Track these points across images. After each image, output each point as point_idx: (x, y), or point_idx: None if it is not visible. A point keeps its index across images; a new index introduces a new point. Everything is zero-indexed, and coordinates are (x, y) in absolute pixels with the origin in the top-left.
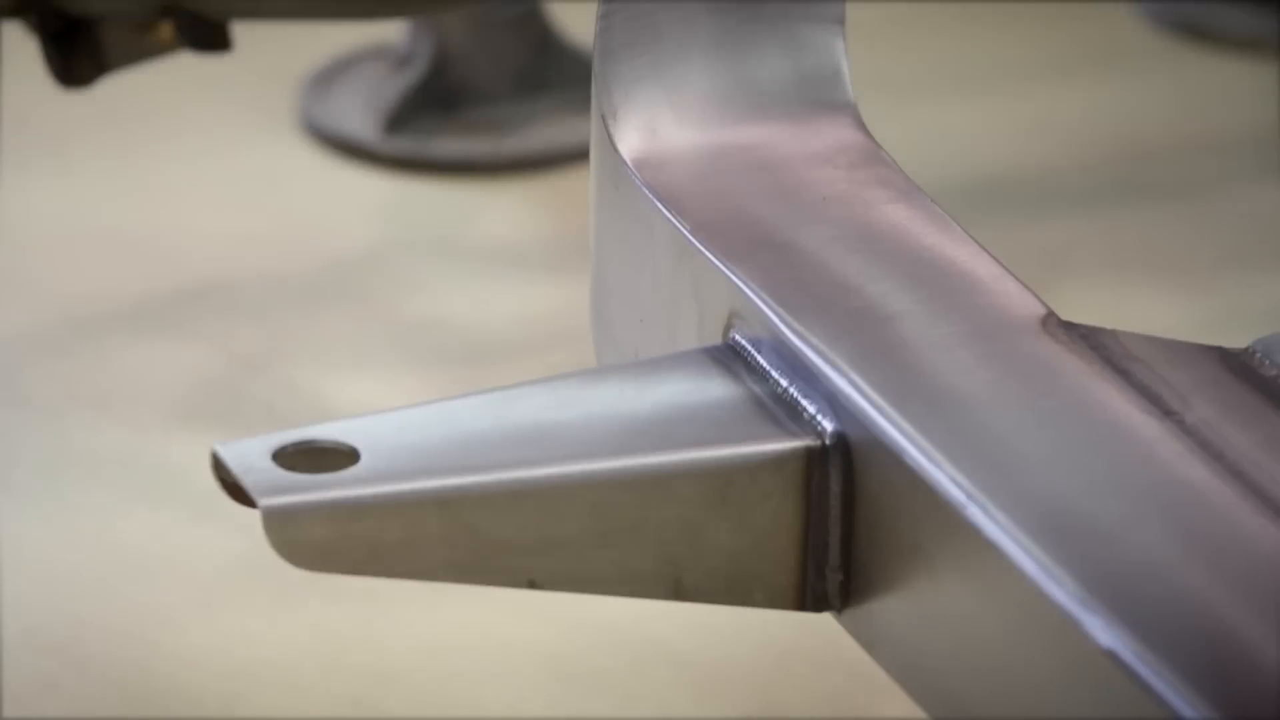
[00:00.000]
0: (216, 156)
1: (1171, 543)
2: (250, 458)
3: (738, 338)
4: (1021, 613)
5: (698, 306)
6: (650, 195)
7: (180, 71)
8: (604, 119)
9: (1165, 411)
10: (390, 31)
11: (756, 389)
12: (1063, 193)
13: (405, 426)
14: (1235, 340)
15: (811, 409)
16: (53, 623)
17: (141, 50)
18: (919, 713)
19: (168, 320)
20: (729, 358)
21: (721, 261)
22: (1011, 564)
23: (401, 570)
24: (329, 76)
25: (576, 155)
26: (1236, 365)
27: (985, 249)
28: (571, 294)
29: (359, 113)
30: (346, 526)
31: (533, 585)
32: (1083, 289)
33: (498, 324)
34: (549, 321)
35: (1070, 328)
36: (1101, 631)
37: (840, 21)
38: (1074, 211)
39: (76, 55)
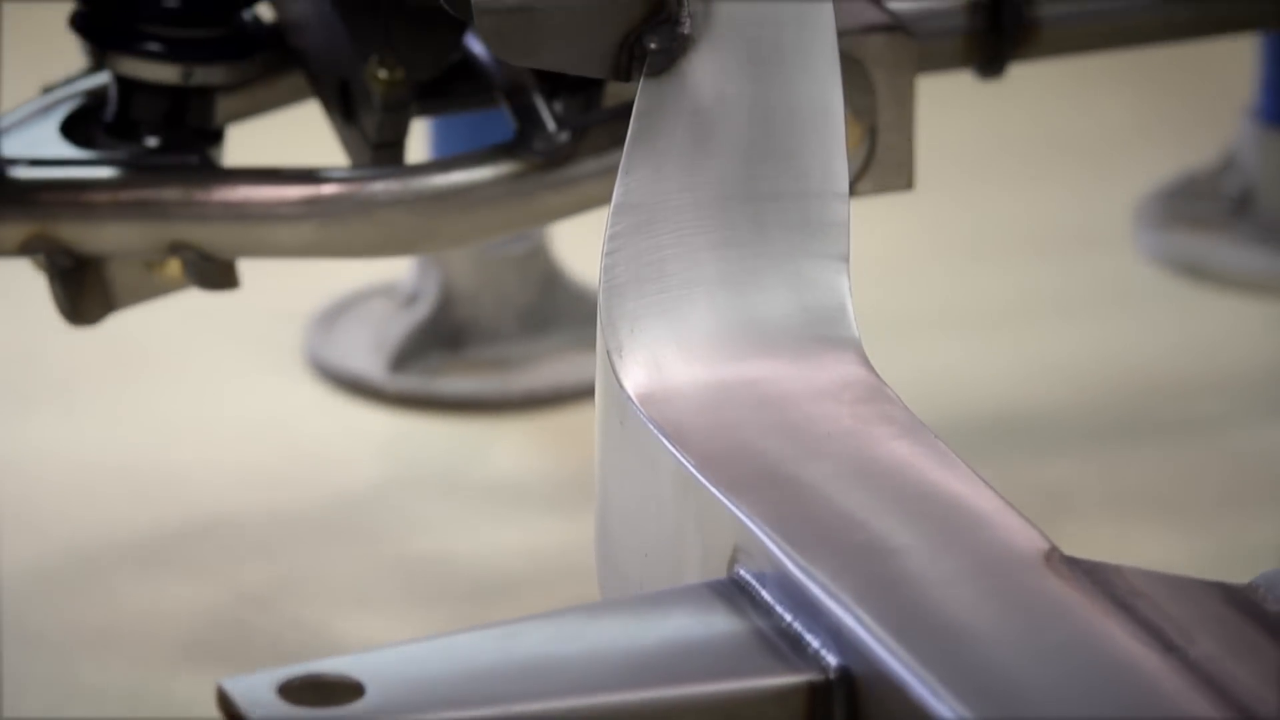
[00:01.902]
0: (224, 394)
1: None
2: (257, 692)
3: (742, 572)
4: None
5: (702, 540)
6: (654, 430)
7: (188, 309)
8: (609, 355)
9: (1168, 646)
10: (396, 269)
11: (761, 623)
12: (1065, 430)
13: (411, 660)
14: (1239, 577)
15: (815, 644)
16: None
17: (149, 288)
18: None
19: (175, 556)
20: (733, 592)
21: (725, 496)
22: None
23: None
24: (335, 314)
25: (583, 393)
26: (1240, 601)
27: (989, 484)
28: (577, 530)
29: (365, 350)
30: None
31: None
32: (1085, 526)
33: (503, 560)
34: (554, 558)
35: (1073, 563)
36: None
37: (844, 258)
38: (1077, 449)
39: (84, 293)
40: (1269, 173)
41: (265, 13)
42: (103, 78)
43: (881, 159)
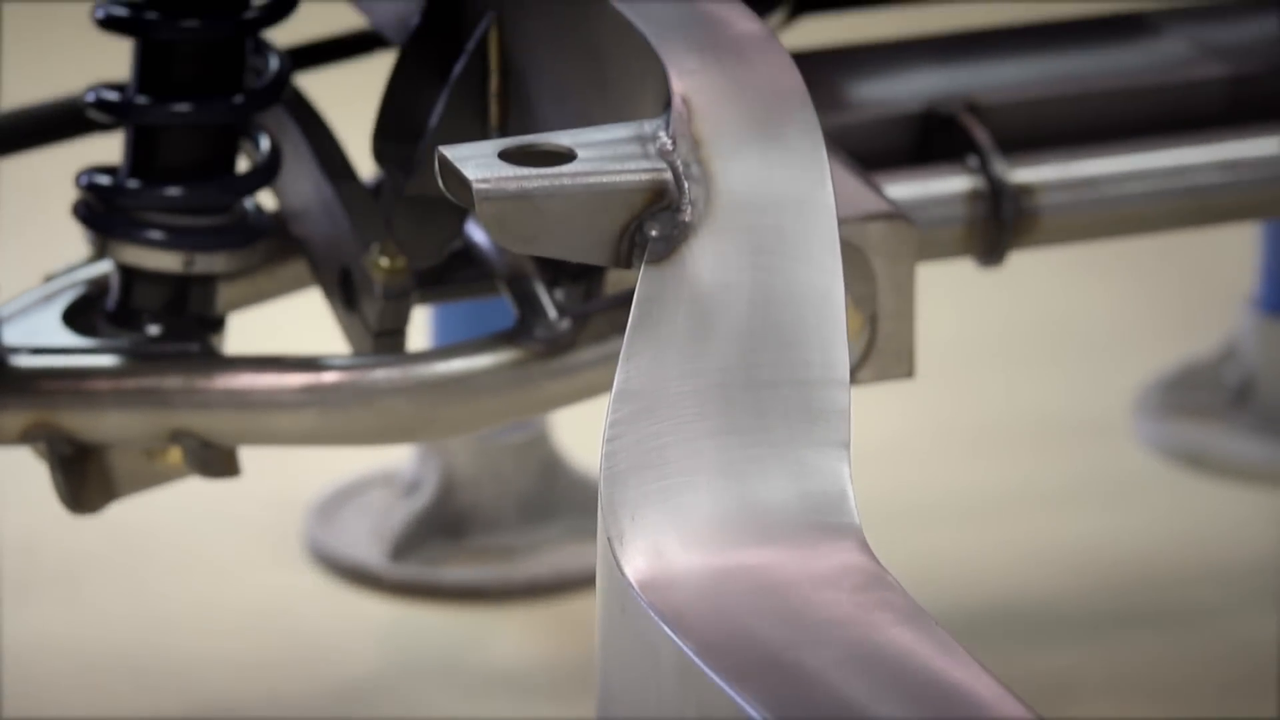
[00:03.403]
0: (224, 582)
1: None
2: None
3: None
4: None
5: None
6: (655, 617)
7: (189, 496)
8: (610, 542)
9: None
10: (397, 455)
11: None
12: (1066, 618)
13: None
14: None
15: None
16: None
17: (151, 475)
18: None
19: None
20: None
21: (727, 684)
22: None
23: None
24: (336, 503)
25: (584, 581)
26: None
27: (990, 672)
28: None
29: (366, 539)
30: None
31: None
32: (1087, 713)
33: None
34: None
35: None
36: None
37: (845, 445)
38: (1077, 637)
39: (86, 481)
40: (1270, 362)
41: (267, 201)
42: (104, 266)
43: (882, 347)
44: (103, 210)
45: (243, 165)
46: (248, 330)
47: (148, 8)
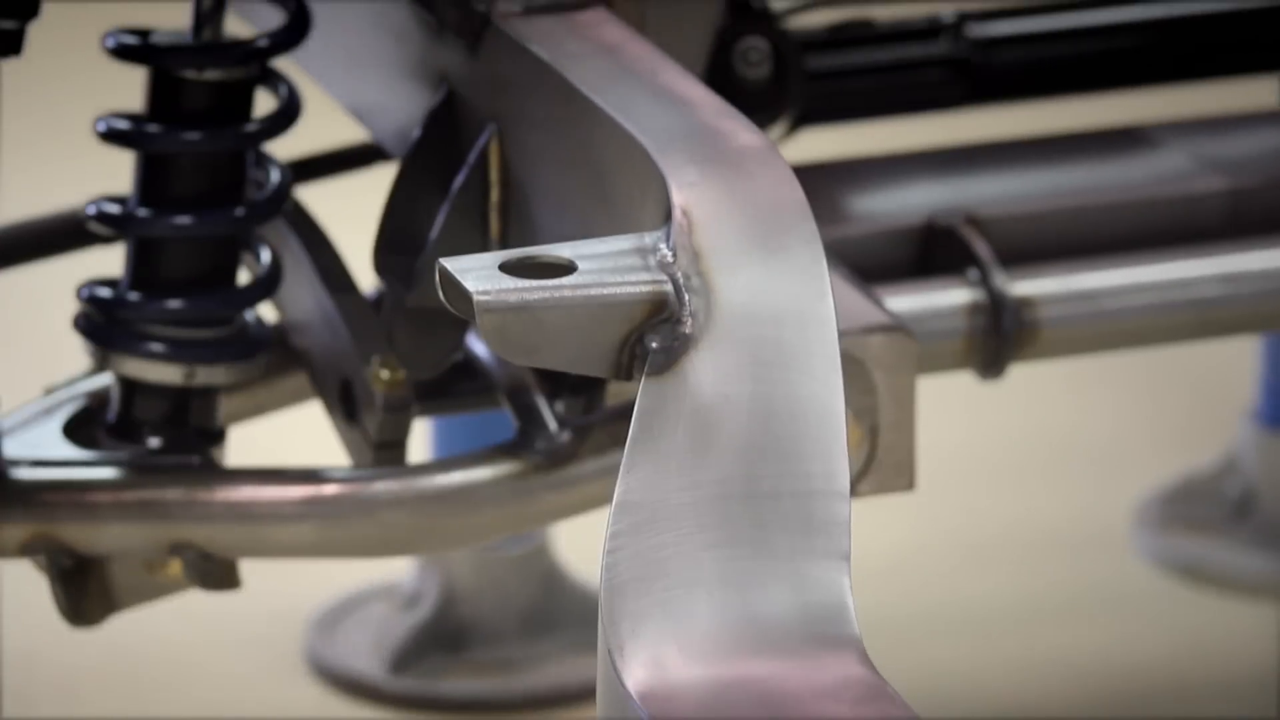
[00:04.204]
0: (225, 696)
1: None
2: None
3: None
4: None
5: None
6: None
7: (189, 609)
8: (611, 653)
9: None
10: (398, 567)
11: None
12: None
13: None
14: None
15: None
16: None
17: (151, 588)
18: None
19: None
20: None
21: None
22: None
23: None
24: (337, 615)
25: (584, 694)
26: None
27: None
28: None
29: (366, 652)
30: None
31: None
32: None
33: None
34: None
35: None
36: None
37: (846, 557)
38: None
39: (86, 593)
40: (1270, 476)
41: (268, 312)
42: (105, 379)
43: (882, 459)
44: (103, 323)
45: (244, 277)
46: (249, 441)
47: (149, 120)
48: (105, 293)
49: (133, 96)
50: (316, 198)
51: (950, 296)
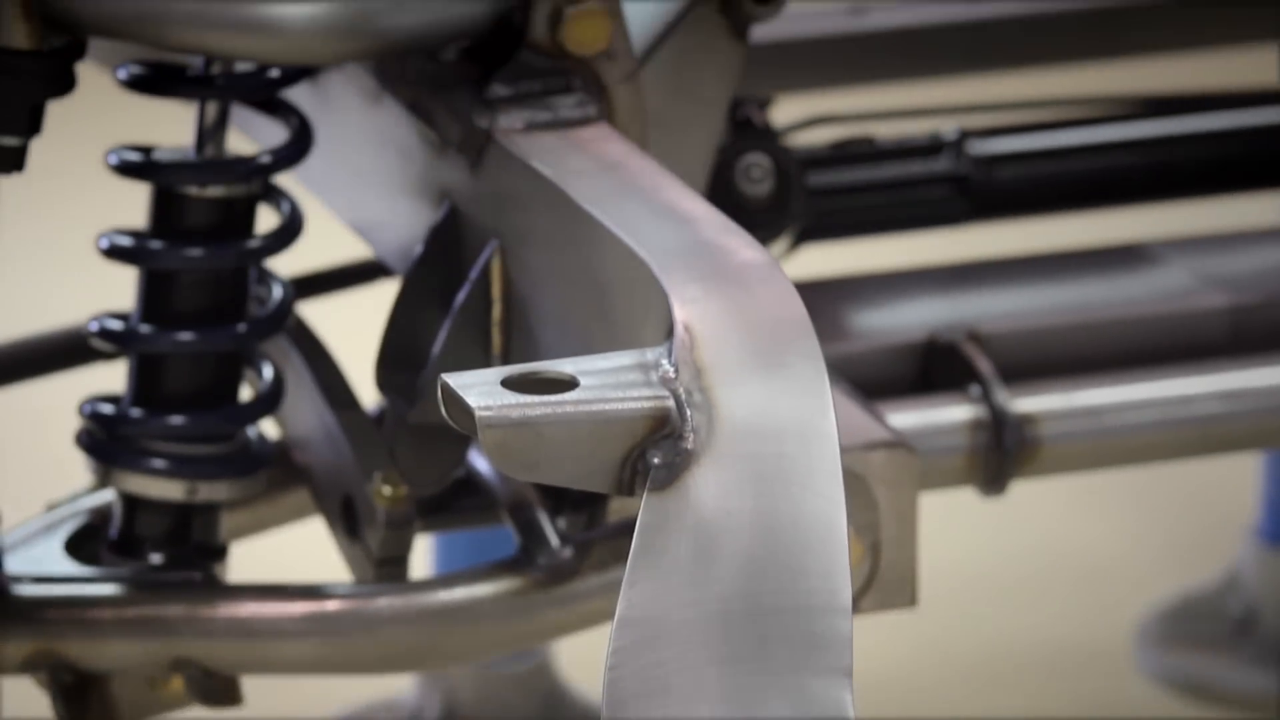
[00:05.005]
0: None
1: None
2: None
3: None
4: None
5: None
6: None
7: None
8: None
9: None
10: (398, 683)
11: None
12: None
13: None
14: None
15: None
16: None
17: (153, 704)
18: None
19: None
20: None
21: None
22: None
23: None
24: None
25: None
26: None
27: None
28: None
29: None
30: None
31: None
32: None
33: None
34: None
35: None
36: None
37: (848, 674)
38: None
39: (88, 710)
40: (1272, 593)
41: (270, 428)
42: (107, 495)
43: (884, 575)
44: (106, 439)
45: (246, 393)
46: (251, 557)
47: (152, 237)
48: (107, 409)
49: (136, 212)
50: (319, 313)
51: (952, 413)
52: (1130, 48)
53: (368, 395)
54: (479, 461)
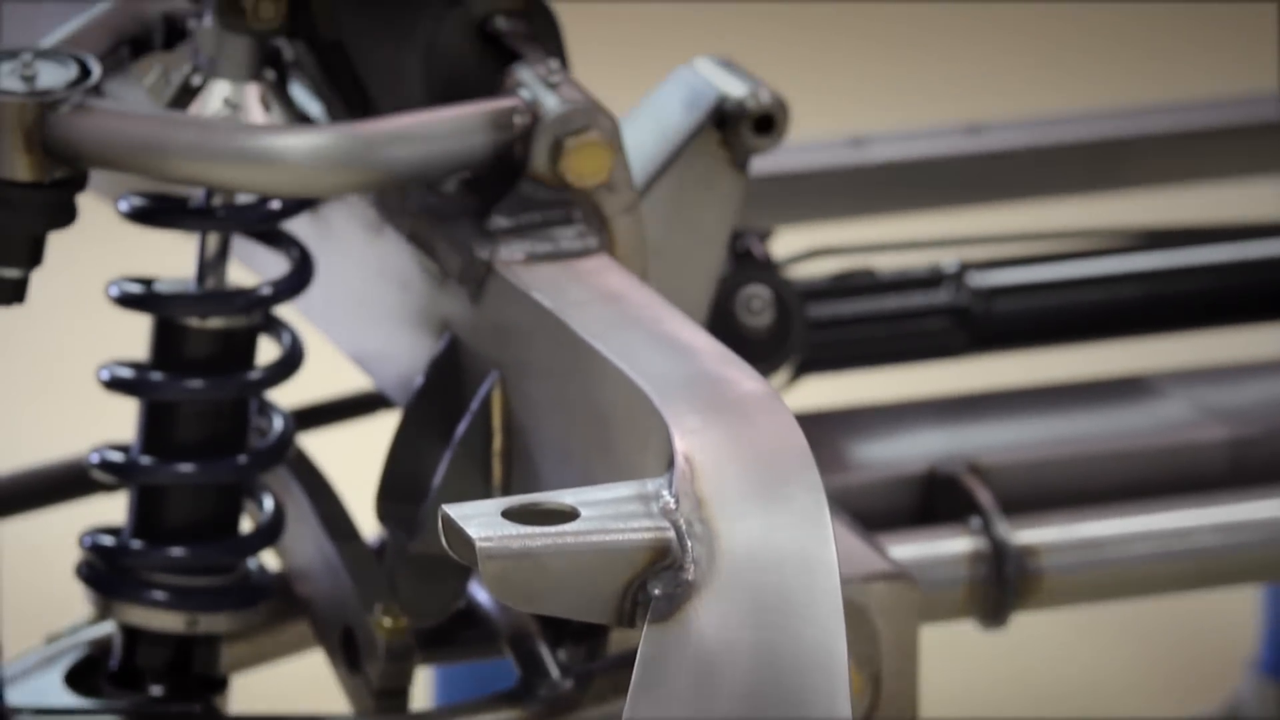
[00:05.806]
0: None
1: None
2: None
3: None
4: None
5: None
6: None
7: None
8: None
9: None
10: None
11: None
12: None
13: None
14: None
15: None
16: None
17: None
18: None
19: None
20: None
21: None
22: None
23: None
24: None
25: None
26: None
27: None
28: None
29: None
30: None
31: None
32: None
33: None
34: None
35: None
36: None
37: None
38: None
39: None
40: None
41: (270, 560)
42: (107, 626)
43: (885, 707)
44: (106, 571)
45: (246, 524)
46: (252, 689)
47: (152, 368)
48: (108, 540)
49: (137, 345)
50: (319, 445)
51: (952, 545)
52: (1130, 180)
53: (368, 526)
54: (480, 593)
